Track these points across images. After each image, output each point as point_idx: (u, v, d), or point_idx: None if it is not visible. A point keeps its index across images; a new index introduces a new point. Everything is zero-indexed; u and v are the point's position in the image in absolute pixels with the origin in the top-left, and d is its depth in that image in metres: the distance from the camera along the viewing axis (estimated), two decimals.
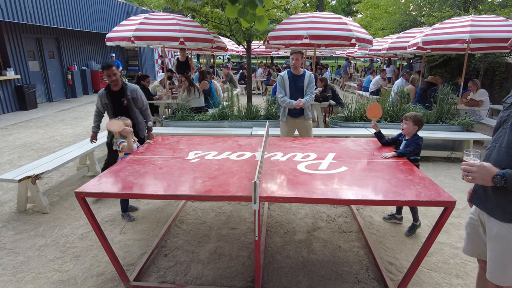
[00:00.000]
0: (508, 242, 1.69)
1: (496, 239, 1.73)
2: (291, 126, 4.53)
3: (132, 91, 3.84)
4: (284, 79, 4.32)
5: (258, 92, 14.68)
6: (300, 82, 4.29)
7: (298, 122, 4.48)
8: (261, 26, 2.48)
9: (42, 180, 4.42)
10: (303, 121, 4.46)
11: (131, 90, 3.83)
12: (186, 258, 2.90)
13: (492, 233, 1.75)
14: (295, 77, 4.30)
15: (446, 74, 11.85)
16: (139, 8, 17.89)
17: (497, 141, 1.72)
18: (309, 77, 4.31)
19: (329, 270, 2.74)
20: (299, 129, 4.58)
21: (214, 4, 6.94)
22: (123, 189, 2.26)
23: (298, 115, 4.42)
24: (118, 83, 3.77)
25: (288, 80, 4.30)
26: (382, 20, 15.97)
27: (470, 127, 5.82)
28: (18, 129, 7.71)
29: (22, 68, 10.32)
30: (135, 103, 3.88)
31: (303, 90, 4.31)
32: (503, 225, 1.69)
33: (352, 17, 28.56)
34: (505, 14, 9.10)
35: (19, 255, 2.96)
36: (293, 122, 4.49)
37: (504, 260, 1.72)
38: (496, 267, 1.75)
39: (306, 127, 4.51)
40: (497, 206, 1.70)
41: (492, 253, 1.76)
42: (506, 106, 1.77)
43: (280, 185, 2.30)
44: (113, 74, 3.68)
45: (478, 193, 1.82)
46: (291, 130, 4.57)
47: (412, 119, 3.16)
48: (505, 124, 1.70)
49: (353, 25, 6.35)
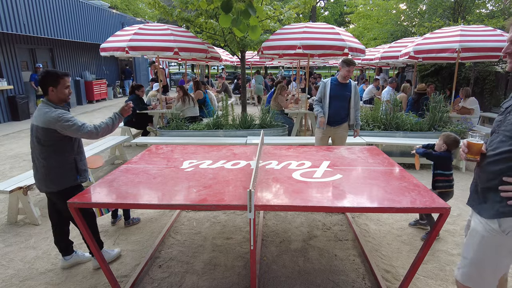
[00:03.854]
0: (481, 238, 1.72)
1: (471, 233, 1.79)
2: (326, 134, 4.51)
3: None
4: (326, 86, 4.34)
5: (253, 102, 14.74)
6: (346, 91, 4.31)
7: (334, 130, 4.48)
8: (255, 36, 2.51)
9: (33, 191, 4.36)
10: (342, 130, 4.48)
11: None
12: (180, 269, 2.86)
13: (471, 227, 1.81)
14: (341, 85, 4.32)
15: (437, 82, 12.05)
16: (133, 19, 18.01)
17: (491, 145, 1.75)
18: (354, 87, 4.35)
19: (325, 279, 2.71)
20: (334, 137, 4.56)
21: (208, 15, 7.01)
22: (117, 199, 2.23)
23: (336, 124, 4.43)
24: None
25: (329, 88, 4.31)
26: (374, 30, 16.26)
27: (462, 135, 5.89)
28: (10, 140, 7.62)
29: (15, 79, 10.27)
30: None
31: (347, 100, 4.34)
32: (481, 220, 1.73)
33: (345, 28, 29.03)
34: (492, 25, 9.32)
35: (8, 268, 2.89)
36: (329, 130, 4.48)
37: (479, 260, 1.74)
38: (470, 268, 1.78)
39: (341, 137, 4.52)
40: (483, 203, 1.74)
41: (465, 248, 1.82)
42: (501, 111, 1.80)
43: (275, 194, 2.29)
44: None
45: (472, 194, 1.87)
46: (325, 137, 4.55)
47: (443, 137, 3.25)
48: (498, 129, 1.74)
49: (346, 35, 6.44)
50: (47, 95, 2.60)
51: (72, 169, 2.68)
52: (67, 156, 2.64)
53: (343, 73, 4.28)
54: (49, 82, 2.56)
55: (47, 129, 2.49)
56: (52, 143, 2.55)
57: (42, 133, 2.51)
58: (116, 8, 21.46)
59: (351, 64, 4.20)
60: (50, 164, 2.58)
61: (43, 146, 2.55)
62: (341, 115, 4.40)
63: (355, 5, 19.43)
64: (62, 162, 2.62)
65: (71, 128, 2.51)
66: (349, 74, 4.25)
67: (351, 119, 4.46)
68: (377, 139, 5.70)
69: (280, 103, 7.28)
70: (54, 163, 2.59)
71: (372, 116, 6.35)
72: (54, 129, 2.50)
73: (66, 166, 2.64)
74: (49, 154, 2.57)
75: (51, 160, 2.58)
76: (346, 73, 4.24)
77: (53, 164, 2.59)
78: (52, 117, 2.48)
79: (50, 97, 2.60)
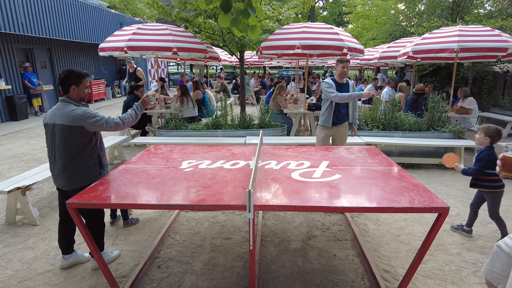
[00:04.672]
0: None
1: None
2: (327, 133, 4.51)
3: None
4: (332, 84, 4.34)
5: (252, 102, 14.73)
6: (344, 91, 4.30)
7: (335, 130, 4.47)
8: (254, 35, 2.51)
9: (32, 191, 4.35)
10: (343, 128, 4.49)
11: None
12: (179, 269, 2.86)
13: None
14: (340, 85, 4.32)
15: (436, 82, 12.07)
16: (132, 18, 17.98)
17: None
18: (352, 87, 4.37)
19: (324, 279, 2.71)
20: (335, 137, 4.55)
21: (207, 14, 7.00)
22: (116, 199, 2.23)
23: (337, 123, 4.43)
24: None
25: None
26: (373, 30, 16.27)
27: (461, 134, 5.91)
28: (8, 140, 7.60)
29: (13, 79, 10.23)
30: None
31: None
32: None
33: (344, 28, 29.04)
34: (491, 25, 9.34)
35: (7, 269, 2.88)
36: (330, 129, 4.47)
37: None
38: None
39: (343, 136, 4.53)
40: None
41: None
42: None
43: (274, 194, 2.29)
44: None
45: None
46: (327, 137, 4.54)
47: (484, 130, 3.15)
48: None
49: (345, 35, 6.44)
50: (67, 93, 2.65)
51: (96, 164, 2.73)
52: (92, 152, 2.70)
53: (338, 71, 4.30)
54: (72, 81, 2.63)
55: (74, 127, 2.53)
56: (79, 141, 2.59)
57: (69, 131, 2.54)
58: (114, 8, 21.42)
59: (344, 61, 4.22)
60: (77, 161, 2.61)
61: (69, 145, 2.57)
62: (342, 114, 4.42)
63: (353, 5, 19.43)
64: (88, 158, 2.67)
65: (98, 122, 2.58)
66: (344, 71, 4.25)
67: (350, 118, 4.50)
68: (376, 139, 5.71)
69: (279, 103, 7.28)
70: (81, 160, 2.62)
71: (371, 116, 6.36)
72: (82, 125, 2.54)
73: (91, 161, 2.69)
74: (76, 152, 2.60)
75: (79, 158, 2.61)
76: (341, 69, 4.25)
77: (81, 160, 2.62)
78: (79, 113, 2.53)
79: (70, 95, 2.65)
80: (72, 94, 2.65)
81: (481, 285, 2.67)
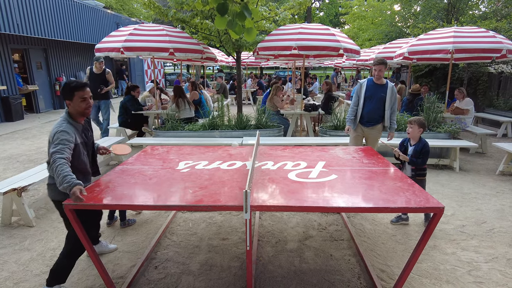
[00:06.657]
0: None
1: None
2: (359, 133, 4.51)
3: None
4: (362, 87, 4.33)
5: (248, 102, 14.75)
6: (381, 92, 4.27)
7: (368, 131, 4.47)
8: (250, 38, 2.52)
9: (28, 192, 4.33)
10: (375, 131, 4.45)
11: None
12: (176, 270, 2.86)
13: None
14: (377, 85, 4.29)
15: (431, 83, 12.16)
16: (128, 19, 17.93)
17: None
18: (391, 89, 4.26)
19: (321, 279, 2.73)
20: (367, 138, 4.55)
21: (203, 15, 7.01)
22: (113, 200, 2.22)
23: (370, 124, 4.41)
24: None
25: (365, 89, 4.31)
26: (369, 31, 16.35)
27: (456, 135, 5.95)
28: (3, 141, 7.55)
29: (8, 79, 10.17)
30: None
31: (383, 101, 4.28)
32: None
33: (340, 28, 29.16)
34: (485, 26, 9.42)
35: (2, 271, 2.86)
36: (363, 130, 4.48)
37: None
38: None
39: (374, 138, 4.49)
40: None
41: None
42: None
43: (271, 194, 2.30)
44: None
45: None
46: (359, 137, 4.53)
47: (417, 122, 3.47)
48: None
49: (341, 36, 6.47)
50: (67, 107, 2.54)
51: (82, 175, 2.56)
52: (78, 164, 2.53)
53: (373, 73, 4.30)
54: (66, 96, 2.47)
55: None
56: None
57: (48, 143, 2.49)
58: (111, 8, 21.32)
59: (379, 63, 4.17)
60: (50, 175, 2.54)
61: (48, 156, 2.50)
62: (375, 116, 4.35)
63: (350, 6, 19.52)
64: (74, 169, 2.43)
65: (52, 149, 2.32)
66: (378, 73, 4.22)
67: (385, 121, 4.39)
68: None
69: (275, 104, 7.30)
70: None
71: None
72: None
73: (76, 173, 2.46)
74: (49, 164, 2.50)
75: (51, 171, 2.50)
76: (375, 72, 4.25)
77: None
78: (53, 133, 2.38)
79: (69, 110, 2.52)
80: (70, 109, 2.51)
81: (475, 284, 2.70)
